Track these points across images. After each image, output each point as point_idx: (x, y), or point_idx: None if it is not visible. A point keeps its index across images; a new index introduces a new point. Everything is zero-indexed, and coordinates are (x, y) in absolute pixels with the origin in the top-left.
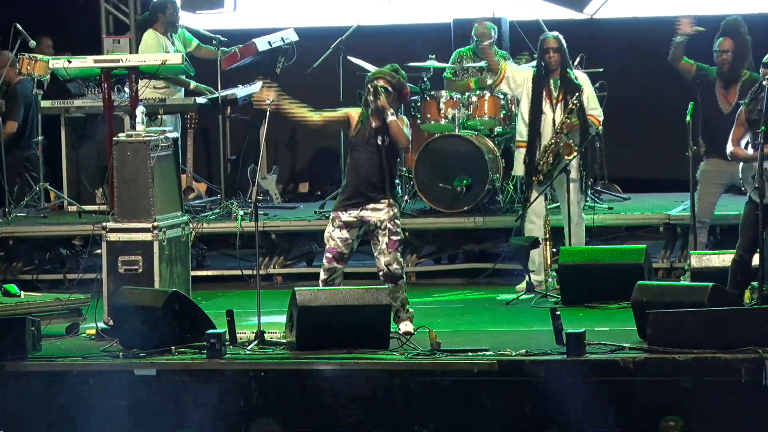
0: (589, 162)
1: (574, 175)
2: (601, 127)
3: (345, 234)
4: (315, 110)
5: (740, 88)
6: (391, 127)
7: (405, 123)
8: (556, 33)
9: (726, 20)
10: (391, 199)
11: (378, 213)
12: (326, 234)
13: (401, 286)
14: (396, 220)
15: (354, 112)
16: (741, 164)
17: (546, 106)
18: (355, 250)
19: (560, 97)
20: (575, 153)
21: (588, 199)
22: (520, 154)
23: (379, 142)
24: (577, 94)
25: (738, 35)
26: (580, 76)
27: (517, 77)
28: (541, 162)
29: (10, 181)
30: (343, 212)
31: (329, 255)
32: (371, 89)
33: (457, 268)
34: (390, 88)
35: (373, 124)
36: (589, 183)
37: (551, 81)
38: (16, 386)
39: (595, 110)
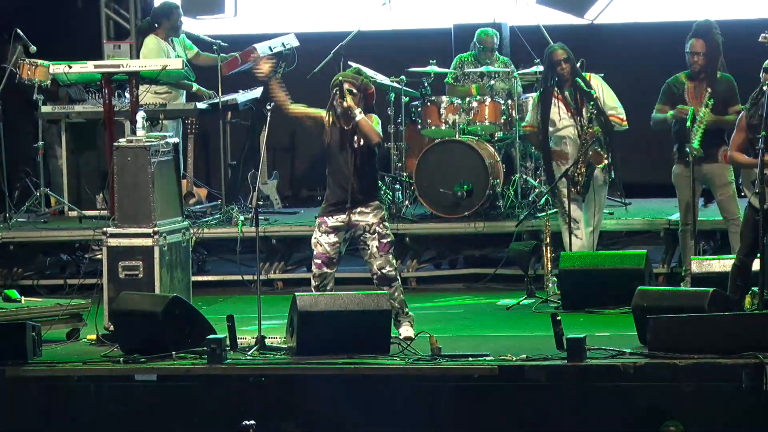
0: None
1: (601, 181)
2: (626, 124)
3: (333, 238)
4: (294, 103)
5: (712, 90)
6: (361, 125)
7: (376, 121)
8: (560, 43)
9: (698, 22)
10: (377, 201)
11: (366, 216)
12: (313, 240)
13: (396, 287)
14: (384, 222)
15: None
16: (742, 169)
17: (568, 119)
18: (343, 253)
19: (581, 105)
20: (606, 161)
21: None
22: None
23: (354, 144)
24: (591, 102)
25: (710, 37)
26: (594, 79)
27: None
28: (576, 174)
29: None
30: (330, 217)
31: (318, 261)
32: (336, 92)
33: (458, 273)
34: (355, 90)
35: (345, 128)
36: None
37: (566, 93)
38: (16, 391)
39: (614, 109)
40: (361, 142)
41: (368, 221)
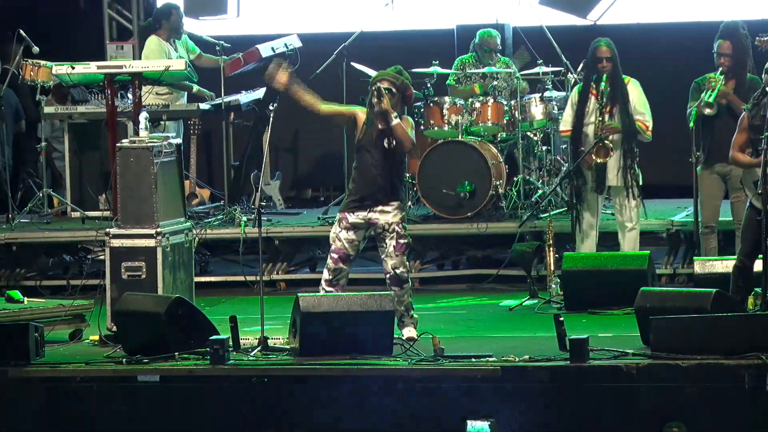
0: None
1: (614, 182)
2: (650, 134)
3: (351, 235)
4: (324, 101)
5: (740, 91)
6: (396, 130)
7: (410, 125)
8: (607, 39)
9: (725, 23)
10: (399, 202)
11: (386, 216)
12: (332, 234)
13: (407, 289)
14: (404, 223)
15: (361, 113)
16: (743, 170)
17: (596, 116)
18: (360, 251)
19: (608, 108)
20: (610, 157)
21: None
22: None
23: (386, 144)
24: (619, 104)
25: (737, 38)
26: (632, 83)
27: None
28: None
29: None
30: (351, 213)
31: (335, 256)
32: (375, 92)
33: (461, 274)
34: (394, 90)
35: (379, 126)
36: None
37: (602, 88)
38: (19, 392)
39: (643, 116)
40: (393, 143)
41: (388, 220)
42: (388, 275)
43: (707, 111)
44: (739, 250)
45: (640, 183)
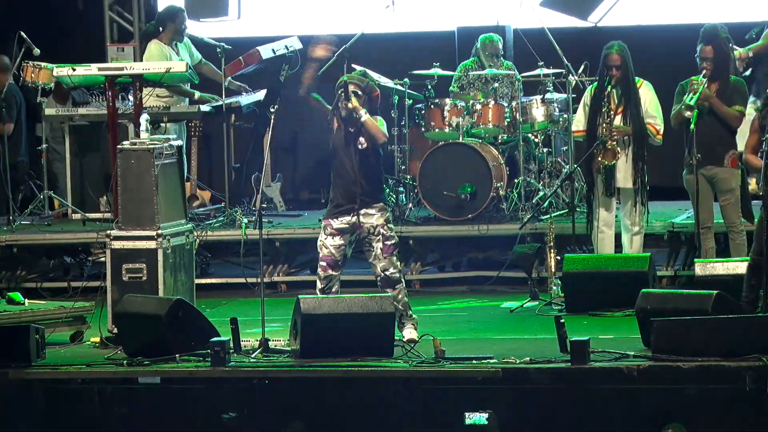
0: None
1: (623, 184)
2: (660, 138)
3: (338, 241)
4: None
5: (724, 94)
6: (366, 125)
7: (380, 122)
8: (619, 45)
9: (705, 27)
10: (382, 203)
11: (370, 218)
12: (319, 242)
13: (400, 289)
14: (389, 224)
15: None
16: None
17: (604, 117)
18: (349, 256)
19: (620, 109)
20: (616, 160)
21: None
22: None
23: (359, 145)
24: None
25: (718, 42)
26: (645, 86)
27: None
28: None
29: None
30: (335, 220)
31: (323, 263)
32: (341, 94)
33: (462, 275)
34: (360, 92)
35: (350, 129)
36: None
37: (614, 92)
38: (20, 394)
39: (654, 119)
40: (365, 144)
41: (373, 223)
42: (378, 278)
43: (687, 114)
44: (752, 249)
45: (647, 187)
